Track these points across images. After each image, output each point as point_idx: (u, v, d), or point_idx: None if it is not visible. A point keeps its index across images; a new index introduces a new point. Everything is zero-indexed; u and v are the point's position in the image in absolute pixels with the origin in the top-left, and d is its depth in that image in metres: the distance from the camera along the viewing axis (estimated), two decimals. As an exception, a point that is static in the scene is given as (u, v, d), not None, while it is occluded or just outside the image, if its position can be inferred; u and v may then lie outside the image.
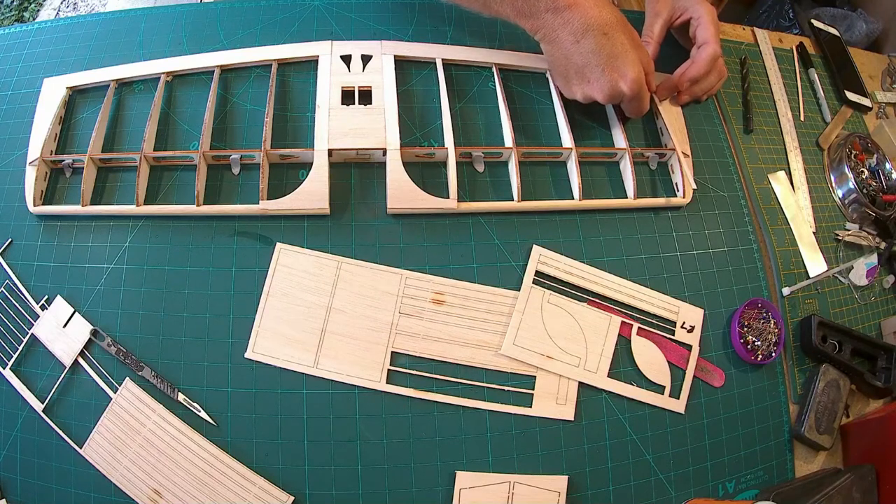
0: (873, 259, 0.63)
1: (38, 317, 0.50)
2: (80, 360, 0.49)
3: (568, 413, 0.51)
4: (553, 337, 0.52)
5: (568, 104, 0.59)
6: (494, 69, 0.61)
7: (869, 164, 0.69)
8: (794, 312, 0.59)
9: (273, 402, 0.49)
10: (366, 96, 0.57)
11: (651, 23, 0.63)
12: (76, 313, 0.50)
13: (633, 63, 0.52)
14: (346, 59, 0.58)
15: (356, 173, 0.56)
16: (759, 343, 0.55)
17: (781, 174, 0.65)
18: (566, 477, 0.49)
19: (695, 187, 0.58)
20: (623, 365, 0.53)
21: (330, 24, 0.63)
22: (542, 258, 0.54)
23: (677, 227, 0.59)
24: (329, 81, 0.57)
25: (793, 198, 0.65)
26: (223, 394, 0.49)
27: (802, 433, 0.54)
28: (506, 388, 0.51)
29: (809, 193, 0.66)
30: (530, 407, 0.51)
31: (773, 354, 0.55)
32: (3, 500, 0.47)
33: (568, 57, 0.54)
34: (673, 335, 0.55)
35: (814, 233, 0.64)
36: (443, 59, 0.60)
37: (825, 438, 0.54)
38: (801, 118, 0.71)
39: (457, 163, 0.54)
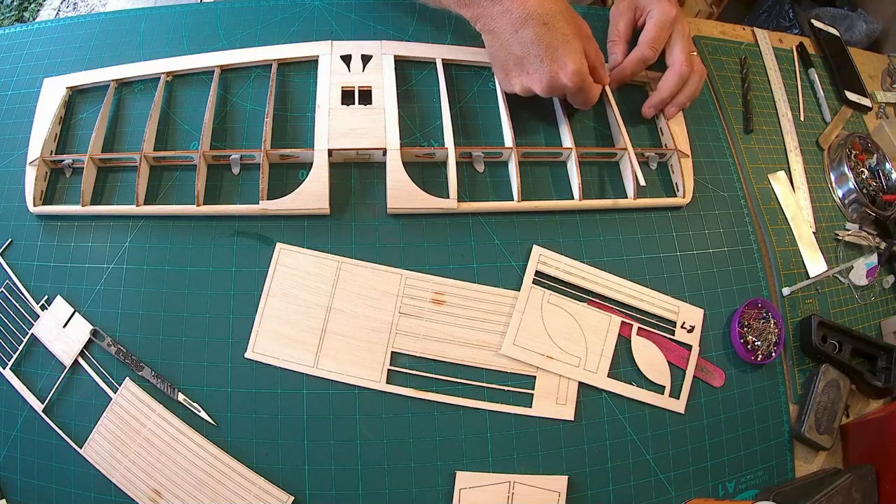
0: (873, 259, 0.63)
1: (38, 317, 0.50)
2: (80, 360, 0.49)
3: (568, 413, 0.51)
4: (553, 337, 0.52)
5: (568, 104, 0.59)
6: (494, 69, 0.61)
7: (869, 164, 0.69)
8: (794, 312, 0.59)
9: (273, 402, 0.49)
10: (366, 96, 0.57)
11: (615, 22, 0.62)
12: (76, 313, 0.50)
13: (575, 54, 0.51)
14: (346, 59, 0.58)
15: (356, 173, 0.56)
16: (759, 343, 0.55)
17: (781, 174, 0.65)
18: (566, 477, 0.49)
19: (644, 185, 0.57)
20: (623, 365, 0.53)
21: (330, 24, 0.63)
22: (542, 258, 0.54)
23: (677, 227, 0.59)
24: (329, 81, 0.57)
25: (793, 198, 0.65)
26: (223, 394, 0.49)
27: (802, 433, 0.54)
28: (506, 388, 0.51)
29: (809, 193, 0.66)
30: (530, 407, 0.51)
31: (773, 354, 0.55)
32: (3, 500, 0.47)
33: (507, 47, 0.53)
34: (673, 335, 0.55)
35: (814, 233, 0.64)
36: (443, 59, 0.60)
37: (825, 438, 0.54)
38: (801, 118, 0.71)
39: (457, 163, 0.54)
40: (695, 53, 0.60)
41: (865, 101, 0.75)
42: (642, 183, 0.56)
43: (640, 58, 0.58)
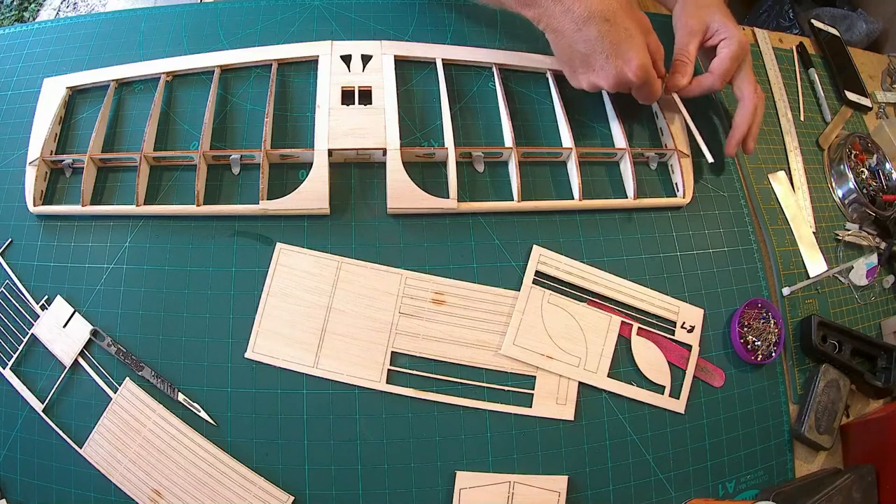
0: (873, 259, 0.63)
1: (38, 317, 0.50)
2: (80, 360, 0.49)
3: (568, 413, 0.51)
4: (553, 337, 0.52)
5: (568, 104, 0.59)
6: (494, 69, 0.61)
7: (869, 164, 0.69)
8: (794, 312, 0.59)
9: (273, 402, 0.49)
10: (366, 96, 0.57)
11: (685, 41, 0.58)
12: (76, 313, 0.50)
13: (639, 49, 0.51)
14: (346, 59, 0.58)
15: (356, 173, 0.56)
16: (759, 343, 0.55)
17: (781, 174, 0.65)
18: (566, 477, 0.49)
19: (711, 160, 0.58)
20: (623, 365, 0.53)
21: (330, 24, 0.63)
22: (542, 258, 0.54)
23: (677, 227, 0.59)
24: (329, 81, 0.57)
25: (793, 198, 0.65)
26: (223, 394, 0.49)
27: (802, 433, 0.54)
28: (506, 388, 0.51)
29: (809, 193, 0.66)
30: (530, 407, 0.51)
31: (773, 354, 0.55)
32: (4, 500, 0.47)
33: (572, 45, 0.53)
34: (673, 335, 0.55)
35: (814, 233, 0.64)
36: (443, 59, 0.60)
37: (825, 438, 0.54)
38: (801, 118, 0.71)
39: (457, 163, 0.54)
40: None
41: (865, 101, 0.75)
42: (710, 160, 0.57)
43: (707, 87, 0.58)
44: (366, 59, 0.59)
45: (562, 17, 0.52)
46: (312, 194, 0.52)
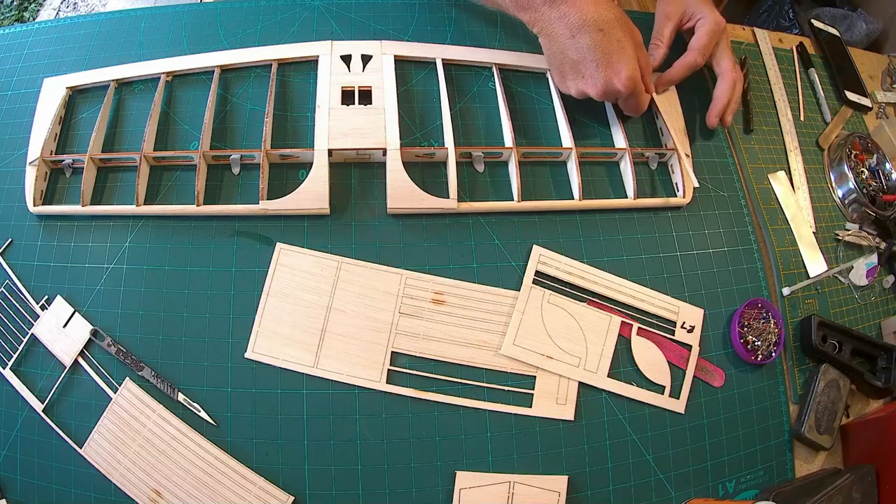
0: (873, 259, 0.63)
1: (38, 317, 0.50)
2: (80, 360, 0.49)
3: (568, 413, 0.51)
4: (553, 337, 0.52)
5: (568, 104, 0.59)
6: (494, 69, 0.61)
7: (869, 164, 0.69)
8: (794, 312, 0.59)
9: (273, 402, 0.49)
10: (366, 96, 0.57)
11: (661, 26, 0.62)
12: (76, 313, 0.50)
13: (629, 61, 0.52)
14: (346, 59, 0.59)
15: (356, 173, 0.56)
16: (759, 343, 0.55)
17: (781, 174, 0.65)
18: (566, 477, 0.49)
19: (697, 185, 0.58)
20: (623, 365, 0.53)
21: (330, 24, 0.63)
22: (542, 258, 0.54)
23: (677, 227, 0.59)
24: (329, 81, 0.57)
25: (793, 198, 0.65)
26: (223, 394, 0.49)
27: (802, 433, 0.54)
28: (506, 388, 0.51)
29: (809, 193, 0.66)
30: (530, 407, 0.51)
31: (773, 354, 0.55)
32: (4, 500, 0.47)
33: (563, 51, 0.54)
34: (673, 335, 0.55)
35: (814, 233, 0.64)
36: (443, 59, 0.60)
37: (825, 438, 0.54)
38: (801, 118, 0.71)
39: (457, 163, 0.54)
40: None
41: (865, 101, 0.75)
42: (696, 184, 0.58)
43: (690, 64, 0.60)
44: (366, 59, 0.59)
45: (557, 22, 0.52)
46: (312, 194, 0.52)
